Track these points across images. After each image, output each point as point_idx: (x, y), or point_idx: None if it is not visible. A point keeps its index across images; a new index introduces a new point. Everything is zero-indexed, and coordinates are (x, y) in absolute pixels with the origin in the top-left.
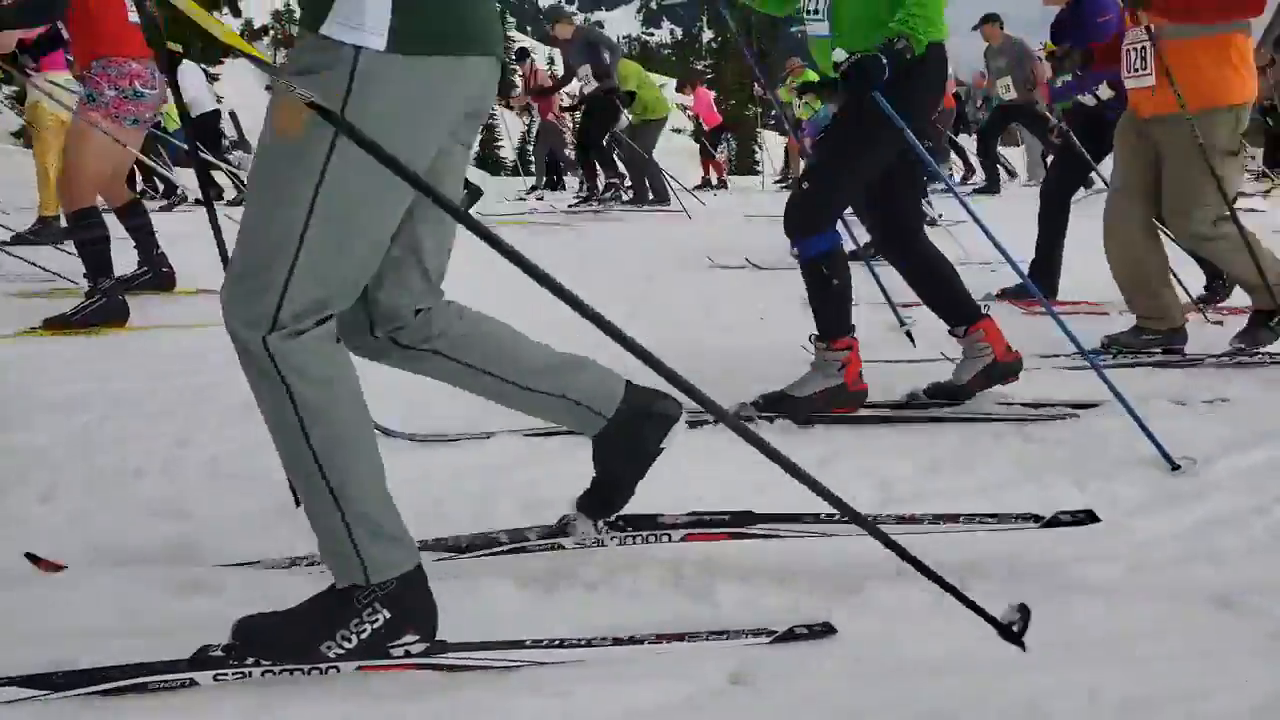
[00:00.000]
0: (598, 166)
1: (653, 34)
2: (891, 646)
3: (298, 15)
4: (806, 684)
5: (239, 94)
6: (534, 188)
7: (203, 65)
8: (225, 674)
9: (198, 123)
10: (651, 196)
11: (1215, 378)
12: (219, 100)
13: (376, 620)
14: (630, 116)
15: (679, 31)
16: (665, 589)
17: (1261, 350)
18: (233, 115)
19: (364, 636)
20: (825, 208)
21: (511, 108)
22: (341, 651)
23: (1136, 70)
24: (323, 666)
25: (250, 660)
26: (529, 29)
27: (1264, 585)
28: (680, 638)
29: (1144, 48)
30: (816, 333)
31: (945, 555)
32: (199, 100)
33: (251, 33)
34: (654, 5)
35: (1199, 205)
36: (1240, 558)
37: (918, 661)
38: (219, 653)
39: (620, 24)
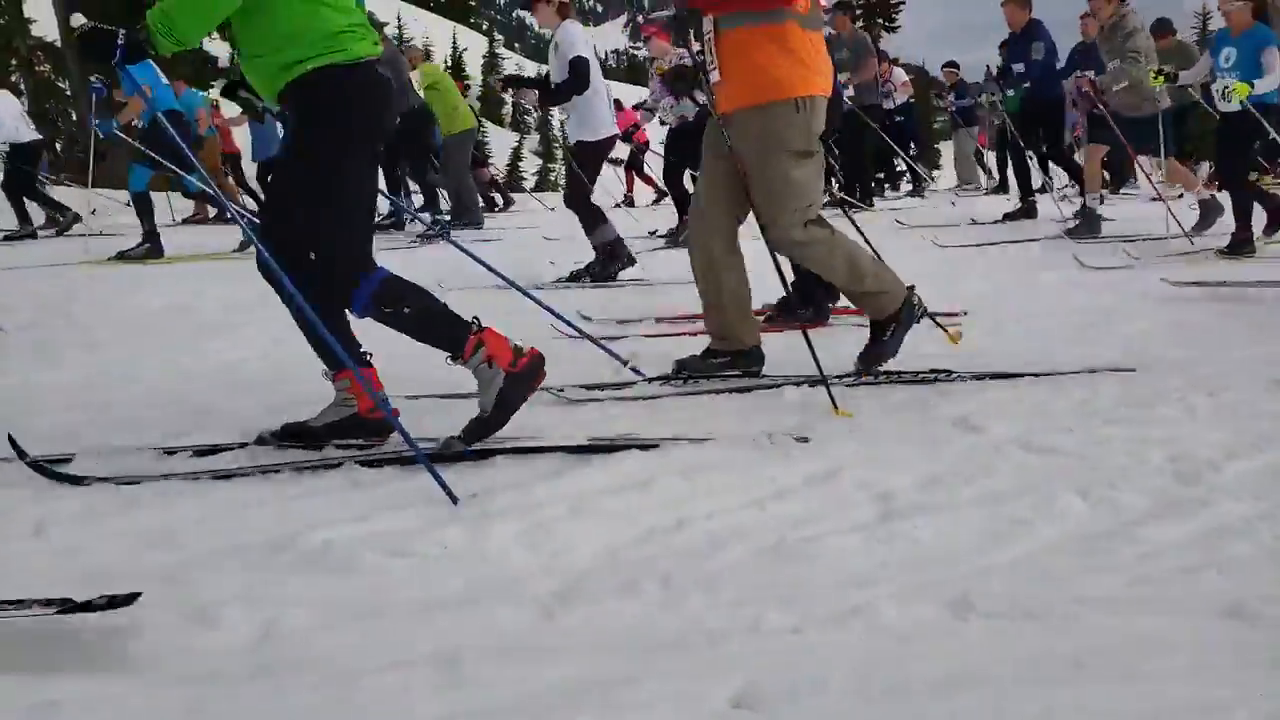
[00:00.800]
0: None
1: (640, 48)
2: (898, 665)
3: None
4: (811, 706)
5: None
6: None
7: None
8: None
9: (18, 152)
10: (465, 220)
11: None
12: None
13: None
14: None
15: None
16: (665, 611)
17: (884, 370)
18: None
19: None
20: (333, 267)
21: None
22: None
23: (709, 65)
24: None
25: None
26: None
27: (1275, 595)
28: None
29: (709, 38)
30: (449, 355)
31: (947, 572)
32: (14, 129)
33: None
34: (640, 19)
35: (784, 210)
36: (1249, 566)
37: (925, 680)
38: None
39: (608, 38)
